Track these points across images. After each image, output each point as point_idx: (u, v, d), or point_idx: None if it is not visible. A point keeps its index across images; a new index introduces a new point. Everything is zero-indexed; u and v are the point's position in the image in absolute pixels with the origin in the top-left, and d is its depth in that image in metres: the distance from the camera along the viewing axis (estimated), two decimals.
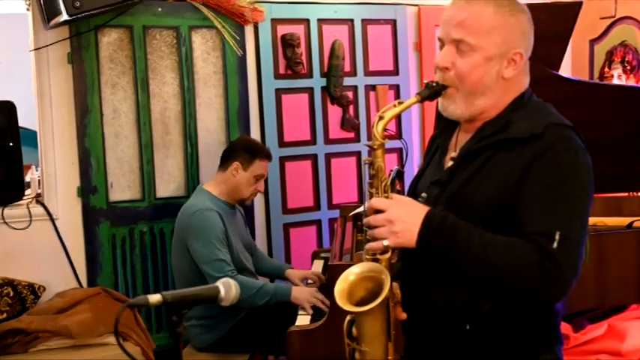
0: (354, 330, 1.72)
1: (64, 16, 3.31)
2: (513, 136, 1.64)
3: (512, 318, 1.66)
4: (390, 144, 1.80)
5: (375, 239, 1.66)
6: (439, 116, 1.82)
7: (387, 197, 1.69)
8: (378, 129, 1.69)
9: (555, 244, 1.53)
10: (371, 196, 1.71)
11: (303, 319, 3.01)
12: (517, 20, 1.69)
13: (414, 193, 1.86)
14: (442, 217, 1.62)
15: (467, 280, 1.64)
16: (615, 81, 4.60)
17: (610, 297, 3.22)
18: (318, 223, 4.49)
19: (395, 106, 1.71)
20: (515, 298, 1.63)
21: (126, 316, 3.53)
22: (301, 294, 3.25)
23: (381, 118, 1.69)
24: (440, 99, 1.74)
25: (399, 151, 4.42)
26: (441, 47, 1.72)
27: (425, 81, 1.74)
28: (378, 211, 1.65)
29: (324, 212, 4.50)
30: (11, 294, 3.59)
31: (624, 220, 3.46)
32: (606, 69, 4.73)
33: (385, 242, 1.63)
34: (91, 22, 3.77)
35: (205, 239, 3.30)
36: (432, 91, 1.72)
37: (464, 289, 1.66)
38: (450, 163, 1.78)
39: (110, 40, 3.90)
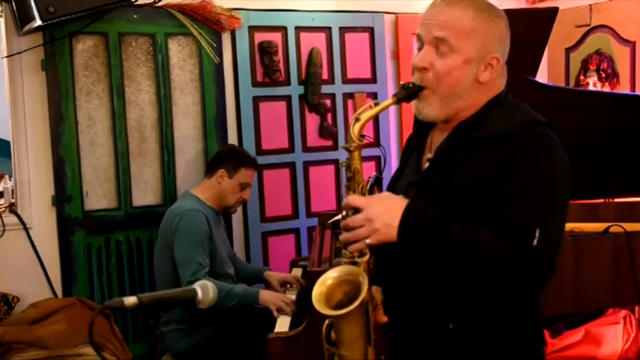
0: (332, 334, 1.70)
1: (38, 22, 3.26)
2: (489, 134, 1.64)
3: (496, 318, 1.66)
4: (367, 151, 1.79)
5: (354, 241, 1.63)
6: (416, 117, 1.81)
7: None
8: (354, 131, 1.68)
9: (535, 242, 1.53)
10: None
11: (282, 326, 2.99)
12: (496, 25, 1.70)
13: (396, 185, 1.85)
14: (422, 211, 1.60)
15: (449, 278, 1.63)
16: (591, 89, 4.63)
17: (587, 301, 3.23)
18: (296, 231, 4.47)
19: (371, 107, 1.70)
20: (495, 294, 1.63)
21: (102, 325, 3.49)
22: (268, 297, 3.30)
23: (357, 119, 1.68)
24: (415, 101, 1.73)
25: (377, 159, 4.41)
26: (419, 48, 1.72)
27: (401, 82, 1.73)
28: (356, 211, 1.63)
29: (303, 220, 4.48)
30: None
31: (600, 226, 3.48)
32: (582, 77, 4.77)
33: (367, 241, 1.61)
34: (66, 29, 3.73)
35: (188, 240, 3.29)
36: (408, 92, 1.71)
37: (448, 287, 1.65)
38: (427, 164, 1.78)
39: (85, 47, 3.86)
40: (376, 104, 1.71)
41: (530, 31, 3.04)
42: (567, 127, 1.74)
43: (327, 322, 1.72)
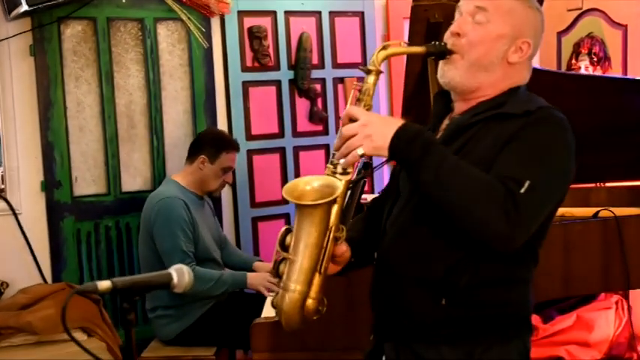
0: (288, 239, 1.67)
1: (24, 7, 3.28)
2: (507, 111, 1.66)
3: (488, 297, 1.66)
4: None
5: (346, 155, 1.61)
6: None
7: None
8: (377, 57, 1.68)
9: (522, 190, 1.52)
10: None
11: (269, 311, 2.98)
12: (534, 14, 1.75)
13: (401, 170, 1.84)
14: (420, 129, 1.60)
15: (447, 251, 1.63)
16: (582, 72, 4.61)
17: (576, 286, 3.21)
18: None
19: (401, 45, 1.74)
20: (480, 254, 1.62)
21: (91, 311, 3.50)
22: (256, 279, 3.35)
23: (384, 47, 1.70)
24: (441, 64, 1.75)
25: None
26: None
27: (433, 42, 1.75)
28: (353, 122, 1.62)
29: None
30: None
31: (591, 211, 3.47)
32: (573, 61, 4.75)
33: (359, 151, 1.58)
34: (54, 14, 3.71)
35: (169, 229, 3.29)
36: (438, 50, 1.72)
37: (443, 261, 1.65)
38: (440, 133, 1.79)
39: (73, 32, 3.84)
40: (407, 44, 1.74)
41: None
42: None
43: (285, 227, 1.70)
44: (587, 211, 3.43)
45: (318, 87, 4.48)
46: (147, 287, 1.61)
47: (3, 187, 3.84)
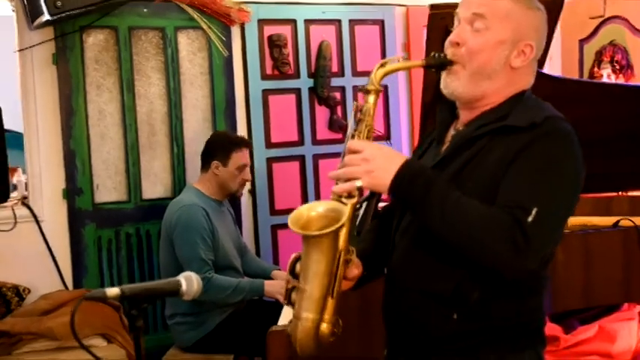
0: (297, 266, 1.66)
1: (46, 16, 3.31)
2: (512, 124, 1.62)
3: (499, 310, 1.64)
4: None
5: (346, 180, 1.59)
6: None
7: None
8: (376, 75, 1.67)
9: (530, 219, 1.49)
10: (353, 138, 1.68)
11: (286, 319, 2.99)
12: (534, 14, 1.70)
13: None
14: (421, 167, 1.59)
15: (456, 267, 1.61)
16: (604, 80, 4.58)
17: (596, 296, 3.18)
18: None
19: (399, 60, 1.71)
20: (496, 282, 1.60)
21: (111, 317, 3.53)
22: (273, 287, 3.36)
23: (382, 65, 1.68)
24: (443, 75, 1.72)
25: None
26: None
27: (432, 53, 1.71)
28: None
29: None
30: None
31: (612, 220, 3.44)
32: (595, 69, 4.72)
33: (358, 183, 1.57)
34: (76, 23, 3.76)
35: (188, 236, 3.31)
36: (437, 61, 1.69)
37: (453, 276, 1.63)
38: (446, 145, 1.77)
39: (95, 41, 3.89)
40: (405, 59, 1.71)
41: None
42: (578, 119, 1.71)
43: (294, 255, 1.69)
44: (608, 221, 3.40)
45: (337, 95, 4.49)
46: (155, 295, 1.62)
47: (26, 194, 3.89)
